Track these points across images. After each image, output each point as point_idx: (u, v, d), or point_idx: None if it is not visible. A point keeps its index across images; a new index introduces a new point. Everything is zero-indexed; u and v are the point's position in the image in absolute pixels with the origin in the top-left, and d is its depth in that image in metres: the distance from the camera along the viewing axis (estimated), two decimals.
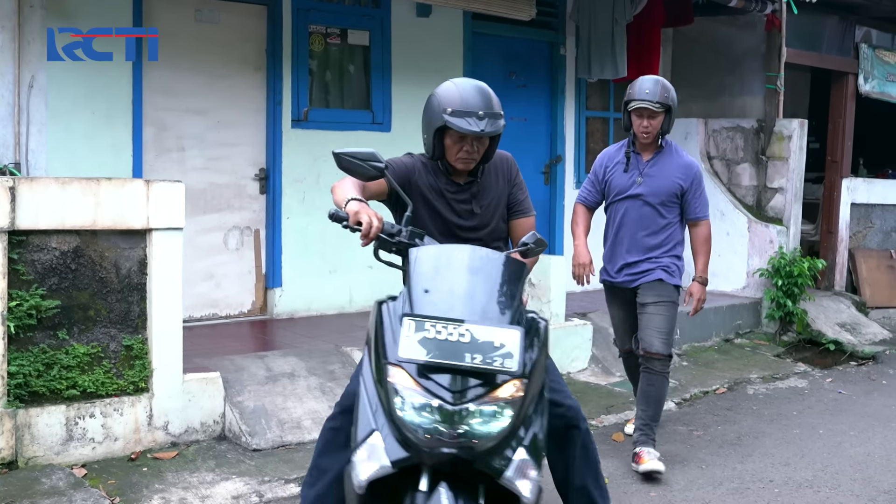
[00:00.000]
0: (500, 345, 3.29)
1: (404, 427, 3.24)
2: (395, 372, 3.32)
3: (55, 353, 5.84)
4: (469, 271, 3.60)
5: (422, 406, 3.25)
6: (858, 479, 6.37)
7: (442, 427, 3.21)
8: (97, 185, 5.92)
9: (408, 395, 3.27)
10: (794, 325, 10.70)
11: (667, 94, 6.16)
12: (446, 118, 4.13)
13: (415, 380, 3.28)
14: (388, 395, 3.31)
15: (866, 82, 12.58)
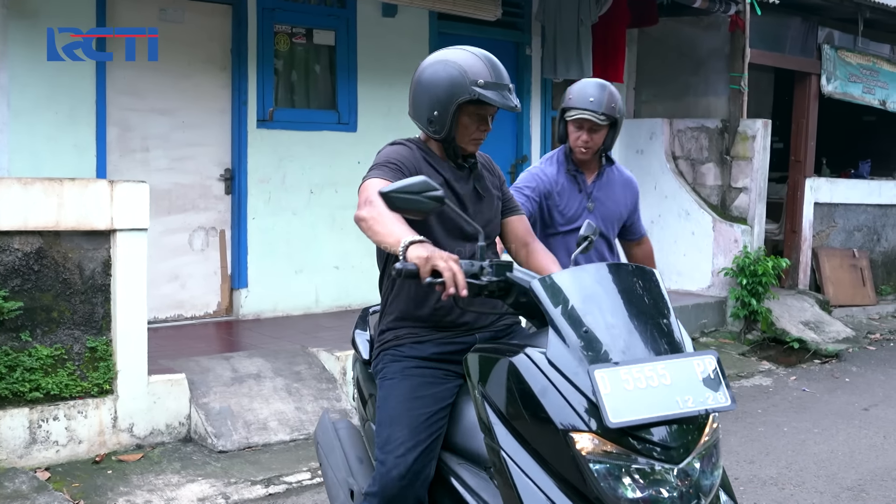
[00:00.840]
0: (701, 377, 2.78)
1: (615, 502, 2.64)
2: (583, 439, 2.69)
3: (18, 356, 5.79)
4: (620, 294, 3.00)
5: (639, 473, 2.67)
6: (822, 476, 6.42)
7: (667, 491, 2.66)
8: (60, 186, 5.88)
9: (615, 465, 2.67)
10: (759, 324, 10.77)
11: (614, 104, 4.87)
12: (479, 91, 3.49)
13: (615, 444, 2.67)
14: (581, 468, 2.68)
15: (829, 83, 12.68)
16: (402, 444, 3.31)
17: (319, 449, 4.26)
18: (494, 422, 2.93)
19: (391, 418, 3.41)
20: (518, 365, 2.85)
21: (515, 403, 2.86)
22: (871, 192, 13.66)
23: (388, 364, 3.57)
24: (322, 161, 9.27)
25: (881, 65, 13.59)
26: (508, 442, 2.87)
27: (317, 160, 9.25)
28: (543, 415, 2.75)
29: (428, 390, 3.44)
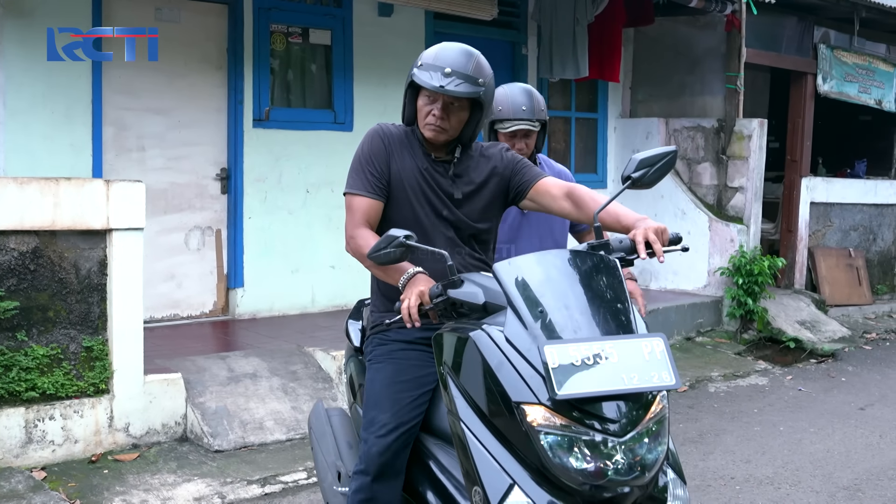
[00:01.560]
0: (648, 357, 2.89)
1: (564, 473, 2.78)
2: (534, 411, 2.82)
3: (14, 355, 5.78)
4: (578, 279, 3.13)
5: (587, 445, 2.79)
6: (818, 476, 6.42)
7: (613, 463, 2.78)
8: (56, 186, 5.87)
9: (563, 437, 2.79)
10: (755, 324, 10.78)
11: (542, 107, 4.74)
12: (414, 71, 3.64)
13: (564, 416, 2.80)
14: (532, 440, 2.81)
15: (825, 82, 12.68)
16: (384, 426, 3.51)
17: (312, 434, 4.48)
18: (455, 395, 3.10)
19: (376, 401, 3.61)
20: (476, 340, 3.00)
21: (474, 378, 3.01)
22: (866, 191, 13.68)
23: (376, 347, 3.76)
24: (318, 160, 9.26)
25: (877, 64, 13.61)
26: (467, 414, 3.03)
27: (313, 160, 9.25)
28: (499, 388, 2.90)
29: (411, 374, 3.62)
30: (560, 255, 3.22)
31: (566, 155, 11.85)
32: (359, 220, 3.66)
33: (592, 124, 12.14)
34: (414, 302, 3.25)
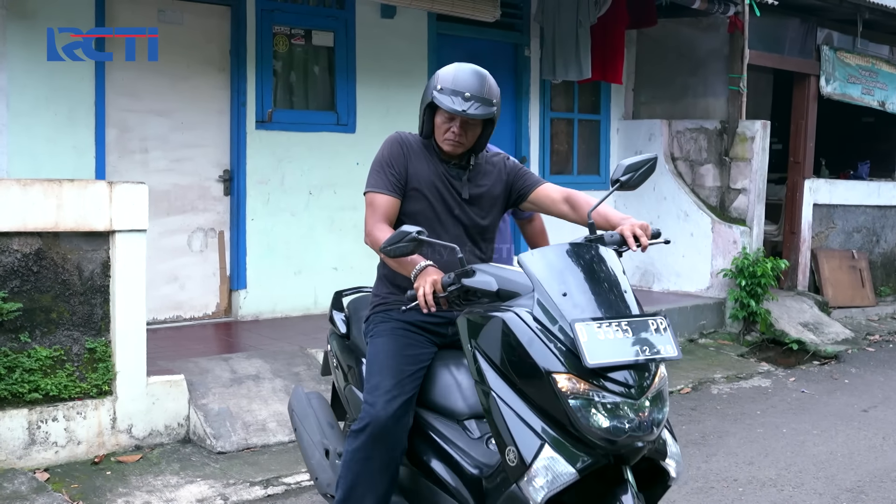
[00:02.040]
0: (655, 333, 3.38)
1: (591, 431, 3.21)
2: (562, 379, 3.26)
3: (17, 357, 5.79)
4: (586, 268, 3.58)
5: (612, 406, 3.24)
6: (821, 478, 6.42)
7: (631, 423, 3.25)
8: (59, 187, 5.88)
9: (588, 400, 3.24)
10: (758, 325, 10.77)
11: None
12: (434, 94, 4.09)
13: (588, 383, 3.25)
14: (562, 403, 3.24)
15: (828, 84, 12.68)
16: (388, 392, 3.90)
17: (294, 416, 4.89)
18: (486, 369, 3.51)
19: (381, 368, 4.00)
20: (509, 322, 3.43)
21: (506, 352, 3.44)
22: (870, 193, 13.67)
23: (380, 323, 4.20)
24: (321, 162, 9.27)
25: (880, 66, 13.60)
26: (498, 384, 3.46)
27: (315, 161, 9.25)
28: (530, 361, 3.34)
29: (412, 350, 4.06)
30: (575, 247, 3.65)
31: (569, 156, 11.85)
32: (379, 216, 4.07)
33: (595, 126, 12.14)
34: (429, 290, 3.63)
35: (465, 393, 3.98)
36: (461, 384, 4.02)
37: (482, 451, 3.78)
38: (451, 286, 3.65)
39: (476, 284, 3.59)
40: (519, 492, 3.33)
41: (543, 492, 3.24)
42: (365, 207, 4.13)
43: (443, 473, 3.88)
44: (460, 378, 4.04)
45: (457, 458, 3.82)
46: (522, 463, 3.30)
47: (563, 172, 11.73)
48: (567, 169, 11.82)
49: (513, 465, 3.36)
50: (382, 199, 4.09)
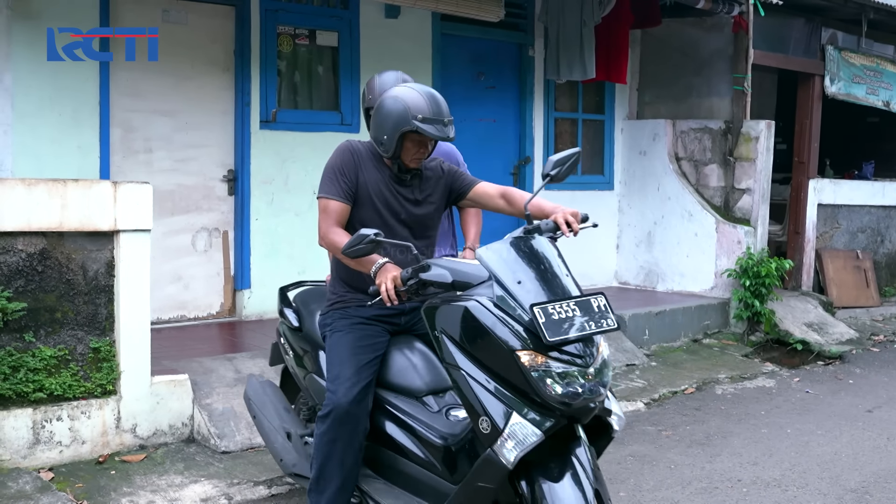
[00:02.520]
0: (597, 309, 3.94)
1: (551, 398, 3.75)
2: (527, 356, 3.80)
3: (21, 356, 5.80)
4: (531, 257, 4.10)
5: (567, 375, 3.79)
6: (826, 478, 6.42)
7: (583, 388, 3.79)
8: (64, 187, 5.88)
9: (550, 370, 3.78)
10: (762, 326, 10.76)
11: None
12: (418, 125, 4.46)
13: (547, 356, 3.80)
14: (525, 375, 3.78)
15: (832, 84, 12.67)
16: (348, 380, 4.44)
17: (252, 405, 5.43)
18: (454, 351, 4.01)
19: (340, 360, 4.53)
20: (473, 309, 3.95)
21: (472, 335, 3.95)
22: (874, 193, 13.66)
23: (338, 319, 4.71)
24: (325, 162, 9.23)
25: (885, 66, 13.58)
26: (466, 364, 3.96)
27: (320, 161, 9.12)
28: (495, 341, 3.87)
29: (368, 341, 4.59)
30: (517, 240, 4.18)
31: None
32: (332, 221, 4.55)
33: (599, 126, 12.13)
34: (391, 285, 4.12)
35: (421, 372, 4.59)
36: (416, 365, 4.62)
37: (443, 423, 4.37)
38: (409, 280, 4.12)
39: (432, 278, 4.09)
40: (494, 455, 3.81)
41: (515, 452, 3.76)
42: (319, 212, 4.58)
43: (410, 445, 4.43)
44: (415, 360, 4.63)
45: (421, 430, 4.38)
46: (496, 430, 3.81)
47: None
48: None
49: (486, 433, 3.85)
50: (335, 205, 4.57)
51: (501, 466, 3.80)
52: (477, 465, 3.94)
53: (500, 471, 3.83)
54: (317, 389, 4.90)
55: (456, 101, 10.46)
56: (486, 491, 3.95)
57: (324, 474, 4.50)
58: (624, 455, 6.68)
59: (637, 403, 8.04)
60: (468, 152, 10.46)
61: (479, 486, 3.97)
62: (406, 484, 4.51)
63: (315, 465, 4.55)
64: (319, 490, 4.54)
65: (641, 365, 9.27)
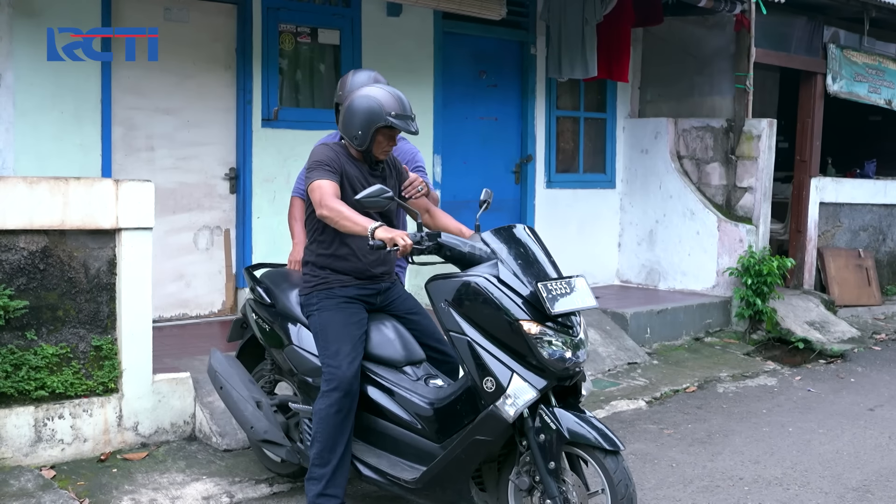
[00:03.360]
0: (581, 289, 4.65)
1: (547, 362, 4.43)
2: (529, 325, 4.45)
3: (23, 354, 5.80)
4: (530, 242, 4.78)
5: (562, 343, 4.47)
6: (827, 477, 6.42)
7: (572, 354, 4.50)
8: (66, 185, 5.88)
9: (549, 338, 4.45)
10: (764, 324, 10.76)
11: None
12: (392, 120, 5.03)
13: (545, 326, 4.46)
14: (527, 343, 4.44)
15: (834, 82, 12.66)
16: (348, 355, 4.98)
17: (218, 376, 5.66)
18: (460, 320, 4.64)
19: (336, 336, 5.03)
20: (480, 283, 4.59)
21: (479, 307, 4.59)
22: (876, 191, 13.65)
23: (323, 300, 5.17)
24: None
25: (887, 64, 13.57)
26: (472, 332, 4.61)
27: None
28: (501, 312, 4.52)
29: (355, 318, 5.13)
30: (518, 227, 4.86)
31: (574, 155, 11.84)
32: (331, 194, 4.93)
33: (601, 124, 12.12)
34: (408, 241, 4.59)
35: (399, 346, 5.18)
36: (394, 339, 5.19)
37: (425, 390, 4.97)
38: (426, 242, 4.67)
39: (451, 244, 4.76)
40: (496, 410, 4.48)
41: (514, 408, 4.44)
42: (312, 193, 4.99)
43: (394, 409, 5.00)
44: (392, 335, 5.20)
45: (407, 395, 4.96)
46: (500, 388, 4.47)
47: (568, 171, 11.73)
48: (573, 167, 11.82)
49: (491, 391, 4.51)
50: (330, 184, 4.98)
51: (503, 420, 4.47)
52: (478, 420, 4.57)
53: (501, 424, 4.49)
54: (298, 359, 5.30)
55: (458, 99, 10.50)
56: (483, 444, 4.59)
57: (331, 445, 4.94)
58: (625, 453, 6.67)
59: (639, 402, 8.03)
60: (470, 150, 10.54)
61: (477, 439, 4.59)
62: (385, 445, 5.07)
63: (321, 439, 4.95)
64: (324, 462, 4.96)
65: (643, 363, 9.27)
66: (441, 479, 4.77)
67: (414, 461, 4.91)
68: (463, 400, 4.72)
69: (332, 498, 5.00)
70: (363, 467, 5.07)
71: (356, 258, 5.18)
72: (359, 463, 5.08)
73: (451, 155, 10.34)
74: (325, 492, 4.98)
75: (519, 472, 4.61)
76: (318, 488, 4.99)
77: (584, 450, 4.50)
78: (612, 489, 4.44)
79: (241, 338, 6.04)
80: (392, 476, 4.95)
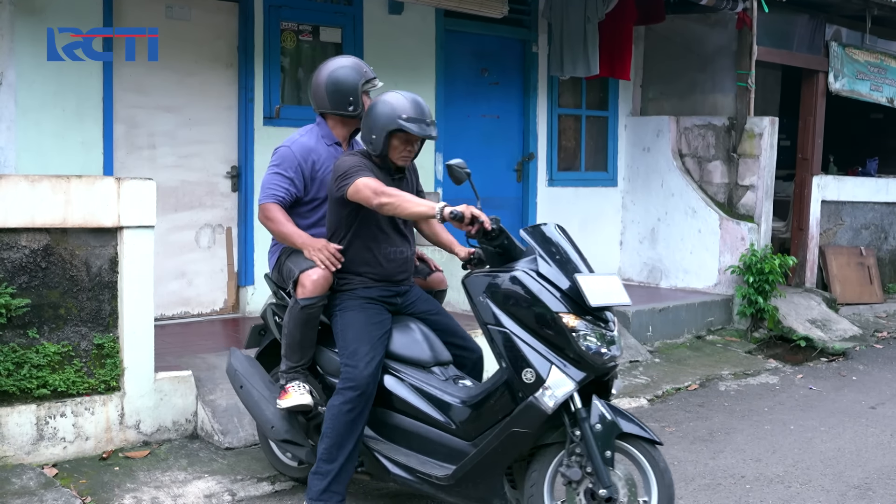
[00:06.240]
0: (615, 285, 4.74)
1: (586, 355, 4.53)
2: (568, 318, 4.56)
3: (25, 352, 5.80)
4: (562, 240, 4.88)
5: (599, 336, 4.58)
6: (829, 475, 6.41)
7: (609, 349, 4.60)
8: (67, 183, 5.88)
9: (587, 332, 4.56)
10: (766, 322, 10.75)
11: None
12: (402, 123, 5.04)
13: (585, 320, 4.58)
14: (566, 335, 4.54)
15: (836, 80, 12.65)
16: (366, 355, 5.04)
17: (238, 375, 5.62)
18: (498, 313, 4.76)
19: (356, 337, 5.09)
20: (521, 278, 4.71)
21: (518, 300, 4.71)
22: (878, 189, 13.64)
23: (346, 301, 5.22)
24: None
25: (889, 62, 13.57)
26: (511, 325, 4.71)
27: None
28: (541, 305, 4.63)
29: (377, 319, 5.18)
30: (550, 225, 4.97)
31: (576, 153, 11.84)
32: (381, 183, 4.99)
33: (603, 122, 12.12)
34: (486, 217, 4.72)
35: (426, 347, 5.23)
36: (420, 340, 5.24)
37: (456, 389, 5.04)
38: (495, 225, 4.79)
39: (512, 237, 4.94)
40: (536, 401, 4.55)
41: (554, 399, 4.52)
42: (359, 191, 4.97)
43: (425, 408, 5.04)
44: (418, 336, 5.26)
45: (438, 395, 5.01)
46: (539, 380, 4.56)
47: (570, 169, 11.73)
48: (575, 165, 11.81)
49: (530, 383, 4.59)
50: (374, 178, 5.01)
51: (542, 412, 4.54)
52: (517, 412, 4.62)
53: (541, 416, 4.56)
54: (324, 360, 5.37)
55: (459, 97, 10.49)
56: (520, 436, 4.64)
57: (340, 442, 5.00)
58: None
59: (640, 400, 8.03)
60: (472, 148, 10.53)
61: (514, 431, 4.64)
62: (413, 444, 5.09)
63: (331, 435, 5.01)
64: (332, 458, 5.02)
65: (645, 361, 9.27)
66: (475, 475, 4.80)
67: (443, 460, 4.95)
68: (498, 395, 4.77)
69: (335, 494, 5.05)
70: (392, 465, 5.09)
71: (378, 265, 5.24)
72: (387, 461, 5.10)
73: (452, 153, 10.31)
74: (329, 488, 5.04)
75: (569, 464, 4.58)
76: (322, 484, 5.03)
77: (629, 441, 4.59)
78: (659, 479, 4.56)
79: (259, 345, 5.96)
80: (422, 473, 4.97)
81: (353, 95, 5.47)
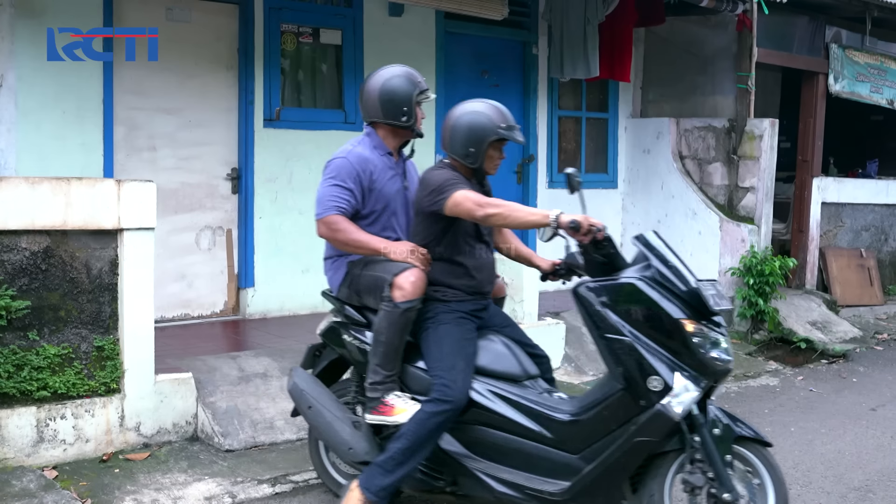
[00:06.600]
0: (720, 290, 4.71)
1: (708, 360, 4.54)
2: (689, 324, 4.56)
3: (26, 354, 5.80)
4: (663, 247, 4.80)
5: (718, 342, 4.59)
6: (829, 477, 6.41)
7: (725, 352, 4.61)
8: (67, 185, 5.88)
9: (708, 337, 4.57)
10: (766, 324, 10.75)
11: None
12: (503, 132, 5.13)
13: (701, 325, 4.58)
14: (688, 341, 4.53)
15: (836, 82, 12.65)
16: (463, 370, 4.91)
17: (306, 395, 5.32)
18: (617, 321, 4.68)
19: (452, 351, 4.95)
20: (639, 285, 4.67)
21: (638, 307, 4.66)
22: (878, 191, 13.64)
23: (440, 313, 5.07)
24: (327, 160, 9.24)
25: (889, 64, 13.57)
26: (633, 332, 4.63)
27: (323, 159, 9.02)
28: (661, 311, 4.60)
29: (470, 334, 5.07)
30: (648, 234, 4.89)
31: (576, 155, 11.84)
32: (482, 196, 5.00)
33: (603, 124, 12.12)
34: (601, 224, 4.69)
35: (514, 361, 5.09)
36: (508, 355, 5.10)
37: (554, 402, 4.92)
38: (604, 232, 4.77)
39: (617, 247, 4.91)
40: (664, 409, 4.50)
41: (682, 406, 4.49)
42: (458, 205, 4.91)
43: (526, 422, 4.86)
44: (505, 350, 5.11)
45: (539, 409, 4.86)
46: (666, 387, 4.52)
47: None
48: (575, 167, 11.79)
49: (657, 391, 4.53)
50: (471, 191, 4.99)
51: (670, 420, 4.50)
52: (643, 422, 4.56)
53: (668, 423, 4.52)
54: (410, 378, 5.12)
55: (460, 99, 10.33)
56: (646, 445, 4.60)
57: (417, 448, 4.87)
58: None
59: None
60: None
61: (638, 440, 4.59)
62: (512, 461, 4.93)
63: (411, 438, 4.85)
64: (404, 460, 4.88)
65: None
66: (594, 488, 4.71)
67: (547, 475, 4.83)
68: (613, 406, 4.68)
69: (390, 495, 4.96)
70: (497, 483, 4.90)
71: (470, 276, 5.15)
72: (491, 480, 4.91)
73: None
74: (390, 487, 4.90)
75: (692, 470, 4.57)
76: (385, 482, 4.88)
77: (743, 444, 4.63)
78: (775, 480, 4.59)
79: (314, 366, 5.66)
80: (532, 490, 4.83)
81: (406, 105, 5.45)
